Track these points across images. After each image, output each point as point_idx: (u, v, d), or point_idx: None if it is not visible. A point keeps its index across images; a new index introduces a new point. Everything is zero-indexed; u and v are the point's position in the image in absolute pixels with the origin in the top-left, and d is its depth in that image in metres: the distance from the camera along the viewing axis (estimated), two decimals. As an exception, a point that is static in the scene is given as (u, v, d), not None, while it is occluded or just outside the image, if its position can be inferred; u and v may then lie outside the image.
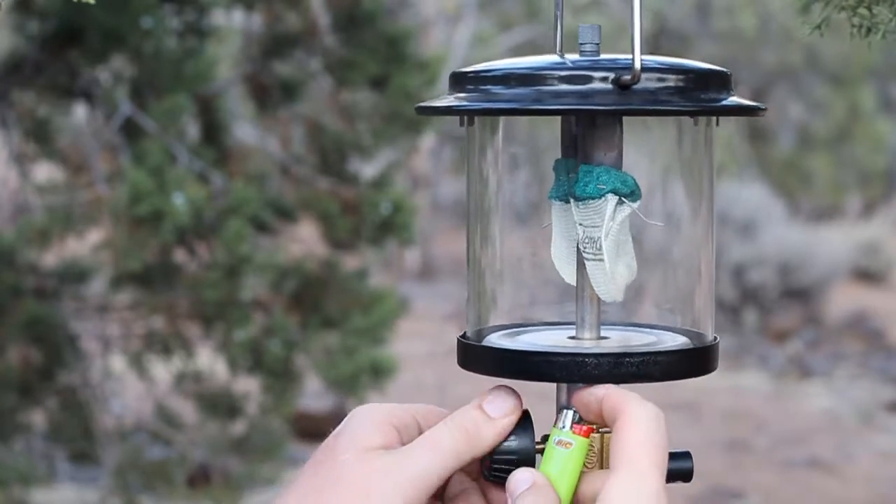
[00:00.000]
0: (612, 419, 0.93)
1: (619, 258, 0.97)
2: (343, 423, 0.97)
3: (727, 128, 13.11)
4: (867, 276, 12.92)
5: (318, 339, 4.24)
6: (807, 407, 8.28)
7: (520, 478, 0.94)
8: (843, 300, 11.08)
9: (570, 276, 1.01)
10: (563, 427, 0.96)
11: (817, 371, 9.22)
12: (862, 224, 14.42)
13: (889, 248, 13.41)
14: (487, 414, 0.95)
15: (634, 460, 0.90)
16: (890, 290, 12.76)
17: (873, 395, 8.51)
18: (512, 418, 0.95)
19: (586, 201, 0.96)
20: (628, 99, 0.93)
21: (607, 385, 0.95)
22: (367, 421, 0.95)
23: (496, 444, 0.96)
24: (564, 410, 0.97)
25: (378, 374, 4.20)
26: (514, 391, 0.97)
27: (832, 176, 15.28)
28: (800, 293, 10.44)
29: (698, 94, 0.96)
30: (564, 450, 0.96)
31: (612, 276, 0.97)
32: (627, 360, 0.96)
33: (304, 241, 4.52)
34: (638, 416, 0.93)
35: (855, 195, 15.78)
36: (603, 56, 0.97)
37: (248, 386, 4.36)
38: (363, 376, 4.18)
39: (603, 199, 0.96)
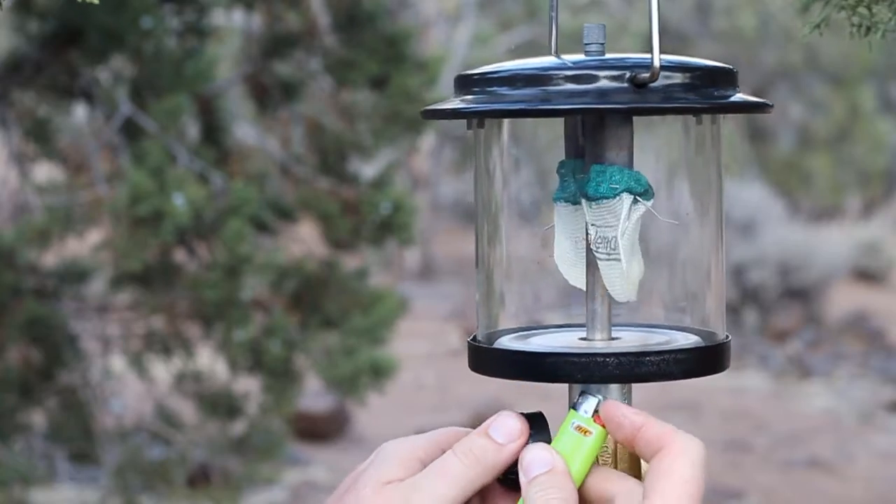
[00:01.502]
0: (652, 449, 0.93)
1: (632, 257, 0.96)
2: (371, 457, 0.98)
3: (727, 127, 13.09)
4: (867, 276, 12.92)
5: (318, 339, 4.24)
6: (807, 407, 8.28)
7: (538, 457, 0.94)
8: (843, 300, 11.08)
9: (574, 278, 1.00)
10: (586, 413, 0.96)
11: (817, 371, 9.22)
12: (862, 224, 14.43)
13: (889, 248, 13.42)
14: (495, 440, 0.95)
15: (676, 497, 0.91)
16: (890, 290, 12.76)
17: (873, 395, 8.51)
18: (520, 442, 0.95)
19: (599, 201, 0.95)
20: (645, 97, 0.92)
21: (644, 413, 0.95)
22: (392, 456, 0.97)
23: (506, 469, 0.96)
24: (588, 396, 0.96)
25: (378, 374, 4.20)
26: (518, 414, 0.97)
27: (832, 176, 15.28)
28: (800, 293, 10.44)
29: (711, 91, 0.96)
30: (582, 436, 0.95)
31: (628, 276, 0.96)
32: (648, 359, 0.95)
33: (304, 241, 4.52)
34: (687, 450, 0.93)
35: (855, 195, 15.78)
36: (611, 55, 0.97)
37: (248, 386, 4.36)
38: (363, 376, 4.17)
39: (617, 198, 0.95)
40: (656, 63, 0.92)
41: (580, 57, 0.97)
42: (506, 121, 1.01)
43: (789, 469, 6.79)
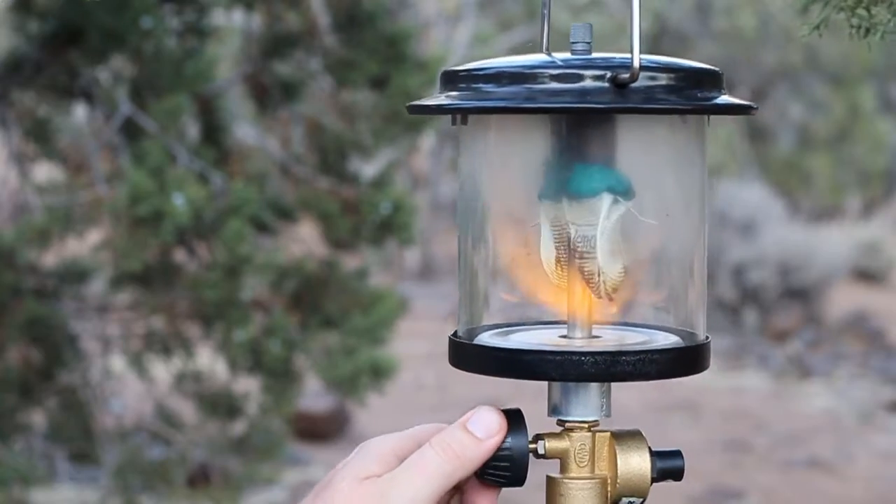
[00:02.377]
0: None
1: (612, 256, 0.97)
2: (352, 454, 0.99)
3: (727, 127, 13.09)
4: (867, 276, 12.91)
5: (318, 339, 4.24)
6: (807, 407, 8.28)
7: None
8: (843, 300, 11.07)
9: (559, 276, 1.01)
10: None
11: (817, 371, 9.22)
12: (862, 224, 14.42)
13: (889, 248, 13.41)
14: (474, 434, 0.96)
15: None
16: (890, 290, 12.75)
17: (873, 395, 8.51)
18: (498, 437, 0.96)
19: (580, 200, 0.96)
20: (625, 97, 0.93)
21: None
22: (370, 452, 0.98)
23: (483, 463, 0.96)
24: None
25: (378, 374, 4.20)
26: (497, 409, 0.97)
27: (832, 176, 15.26)
28: (800, 293, 10.44)
29: (693, 93, 0.96)
30: None
31: (606, 275, 0.97)
32: (624, 358, 0.96)
33: (304, 241, 4.52)
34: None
35: (855, 195, 15.77)
36: (597, 54, 0.97)
37: (248, 386, 4.37)
38: (363, 376, 4.17)
39: (598, 197, 0.96)
40: (636, 63, 0.92)
41: (566, 55, 0.97)
42: (491, 117, 1.01)
43: (789, 469, 6.79)
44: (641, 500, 1.00)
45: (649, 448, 1.00)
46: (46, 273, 4.32)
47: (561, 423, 1.00)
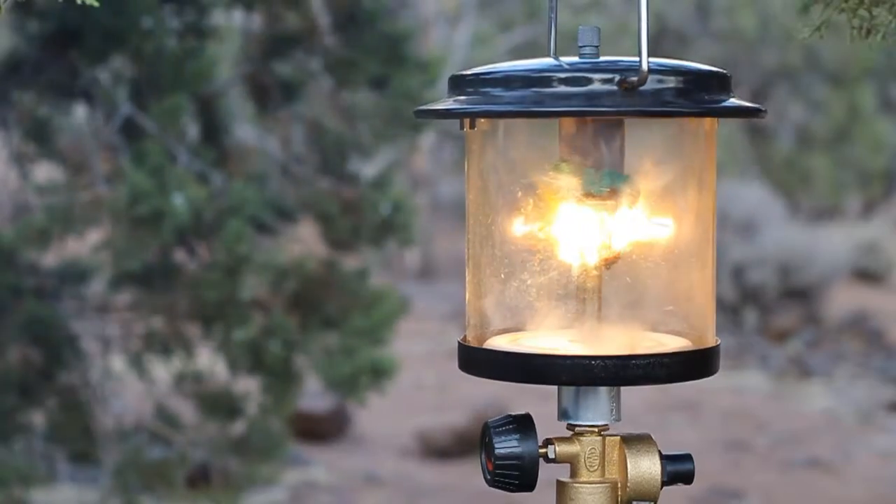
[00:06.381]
0: None
1: (619, 258, 0.97)
2: None
3: (727, 127, 13.09)
4: (867, 276, 12.90)
5: (318, 339, 4.23)
6: (807, 407, 8.28)
7: None
8: (843, 300, 11.07)
9: (569, 277, 1.00)
10: None
11: (817, 371, 9.21)
12: (862, 224, 14.42)
13: (889, 248, 13.40)
14: None
15: None
16: (890, 290, 12.75)
17: (873, 395, 8.50)
18: None
19: (590, 201, 0.96)
20: (633, 101, 0.93)
21: None
22: None
23: (493, 471, 0.95)
24: None
25: (378, 374, 4.20)
26: None
27: (832, 176, 15.26)
28: (800, 293, 10.43)
29: (702, 96, 0.96)
30: None
31: (615, 276, 0.97)
32: (634, 362, 0.96)
33: (304, 241, 4.52)
34: None
35: (855, 195, 15.76)
36: (604, 58, 0.97)
37: (248, 386, 4.36)
38: (363, 377, 4.17)
39: (607, 199, 0.96)
40: (644, 67, 0.92)
41: (574, 59, 0.97)
42: (500, 120, 1.01)
43: (789, 469, 6.79)
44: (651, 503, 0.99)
45: (659, 452, 0.99)
46: (46, 273, 4.32)
47: (571, 427, 1.00)
